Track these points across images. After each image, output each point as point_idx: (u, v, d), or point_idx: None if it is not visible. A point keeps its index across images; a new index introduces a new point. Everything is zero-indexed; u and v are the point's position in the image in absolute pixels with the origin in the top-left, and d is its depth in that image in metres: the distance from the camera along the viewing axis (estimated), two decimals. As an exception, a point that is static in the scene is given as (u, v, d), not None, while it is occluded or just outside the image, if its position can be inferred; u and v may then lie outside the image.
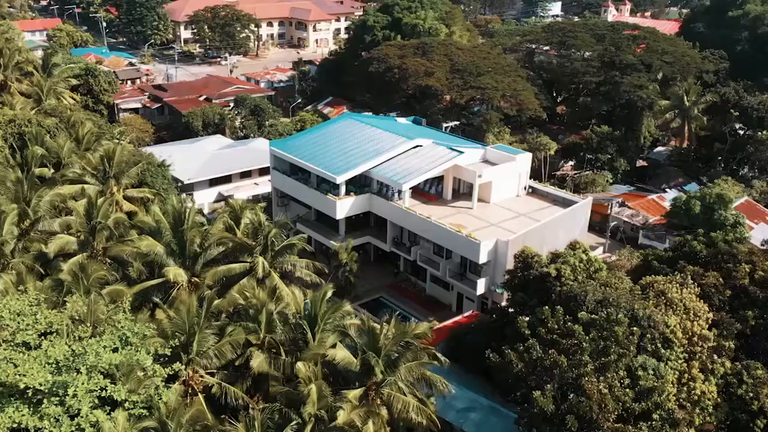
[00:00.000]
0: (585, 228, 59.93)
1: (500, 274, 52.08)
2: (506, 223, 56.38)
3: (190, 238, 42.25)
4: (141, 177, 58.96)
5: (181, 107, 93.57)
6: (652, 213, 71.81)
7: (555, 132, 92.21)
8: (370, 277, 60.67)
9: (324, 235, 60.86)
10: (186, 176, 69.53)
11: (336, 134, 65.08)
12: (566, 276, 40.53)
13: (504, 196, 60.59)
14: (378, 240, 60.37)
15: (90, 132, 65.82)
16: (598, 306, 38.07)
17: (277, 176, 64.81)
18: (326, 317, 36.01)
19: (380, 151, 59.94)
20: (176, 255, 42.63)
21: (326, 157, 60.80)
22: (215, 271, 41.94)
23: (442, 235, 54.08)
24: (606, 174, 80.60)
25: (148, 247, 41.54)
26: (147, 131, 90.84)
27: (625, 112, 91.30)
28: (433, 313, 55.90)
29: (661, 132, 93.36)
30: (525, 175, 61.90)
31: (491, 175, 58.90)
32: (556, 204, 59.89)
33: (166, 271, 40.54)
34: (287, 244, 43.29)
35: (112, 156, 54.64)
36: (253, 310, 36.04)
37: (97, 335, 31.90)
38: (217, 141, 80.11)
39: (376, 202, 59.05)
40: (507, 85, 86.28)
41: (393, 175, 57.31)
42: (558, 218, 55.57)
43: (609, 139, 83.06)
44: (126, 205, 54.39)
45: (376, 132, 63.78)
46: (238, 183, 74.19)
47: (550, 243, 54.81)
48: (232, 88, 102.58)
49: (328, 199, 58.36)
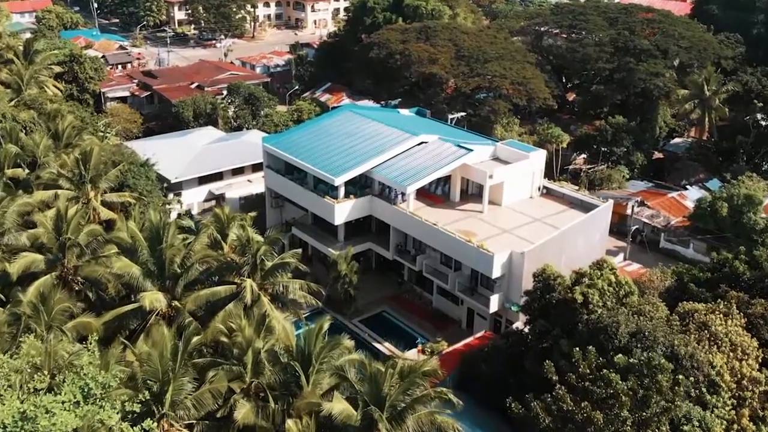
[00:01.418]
0: (606, 234, 55.21)
1: (515, 289, 47.53)
2: (520, 229, 51.64)
3: (170, 257, 37.65)
4: (122, 179, 54.13)
5: (171, 96, 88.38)
6: (673, 213, 67.09)
7: (566, 122, 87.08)
8: (371, 287, 56.09)
9: (321, 241, 56.17)
10: (173, 174, 64.63)
11: (334, 129, 60.09)
12: (594, 303, 35.89)
13: (516, 197, 55.81)
14: (380, 247, 55.66)
15: (71, 126, 60.88)
16: (631, 340, 33.59)
17: (271, 175, 59.94)
18: (322, 356, 31.49)
19: (382, 149, 55.03)
20: (154, 276, 38.07)
21: (323, 155, 55.90)
22: (197, 295, 37.35)
23: (450, 244, 49.36)
24: (622, 169, 75.70)
25: (122, 269, 36.91)
26: (135, 122, 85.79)
27: (639, 100, 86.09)
28: (441, 331, 51.46)
29: (677, 122, 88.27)
30: (539, 175, 57.07)
31: (503, 175, 54.05)
32: (574, 207, 55.08)
33: (141, 297, 35.92)
34: (279, 263, 38.56)
35: (89, 157, 49.73)
36: (239, 350, 31.41)
37: (55, 388, 27.35)
38: (208, 134, 75.05)
39: (378, 206, 54.28)
40: (516, 72, 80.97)
41: (396, 177, 52.49)
42: (577, 225, 50.79)
43: (625, 130, 77.99)
44: (104, 212, 49.64)
45: (378, 127, 58.82)
46: (230, 180, 69.26)
47: (568, 252, 50.34)
48: (225, 74, 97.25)
49: (326, 203, 53.58)
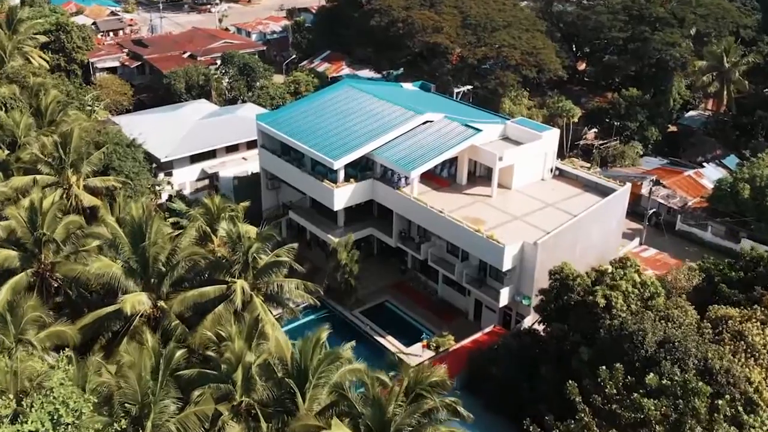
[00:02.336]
0: (622, 220, 51.95)
1: (527, 281, 44.50)
2: (532, 216, 48.34)
3: (153, 255, 34.50)
4: (106, 161, 50.75)
5: (162, 66, 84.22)
6: (690, 193, 63.79)
7: (576, 94, 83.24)
8: (373, 274, 53.08)
9: (320, 226, 52.95)
10: (163, 153, 61.09)
11: (333, 106, 56.41)
12: (618, 307, 32.83)
13: (527, 180, 52.39)
14: (382, 233, 52.45)
15: (54, 101, 57.23)
16: (659, 350, 30.63)
17: (266, 155, 56.43)
18: (320, 371, 28.58)
19: (384, 129, 51.47)
20: (138, 275, 35.00)
21: (322, 135, 52.35)
22: (184, 296, 34.31)
23: (458, 234, 46.12)
24: (636, 145, 72.10)
25: (102, 269, 33.79)
26: (125, 94, 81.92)
27: (653, 71, 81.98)
28: (447, 323, 48.53)
29: (692, 93, 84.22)
30: (552, 155, 53.55)
31: (514, 157, 50.53)
32: (589, 191, 51.69)
33: (122, 301, 32.88)
34: (273, 262, 35.39)
35: (69, 140, 46.26)
36: (228, 366, 28.44)
37: (21, 415, 24.45)
38: (200, 108, 71.20)
39: (380, 190, 50.92)
40: (525, 42, 76.76)
41: (400, 160, 49.03)
42: (594, 211, 47.47)
43: (639, 104, 74.21)
44: (86, 199, 46.37)
45: (379, 104, 55.13)
46: (223, 158, 65.72)
47: (583, 241, 47.21)
48: (219, 43, 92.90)
49: (325, 187, 50.21)
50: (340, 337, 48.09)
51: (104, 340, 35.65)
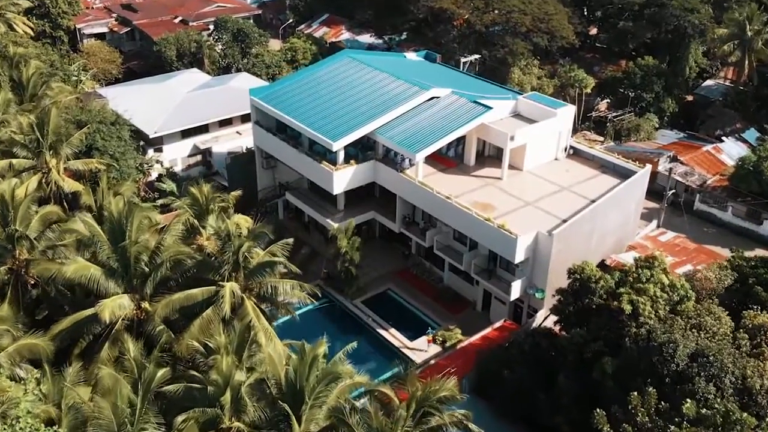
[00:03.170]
0: (641, 204, 48.73)
1: (540, 273, 41.54)
2: (546, 201, 45.09)
3: (135, 254, 31.45)
4: (89, 141, 47.33)
5: (152, 32, 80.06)
6: (708, 170, 60.34)
7: (588, 62, 79.11)
8: (375, 260, 50.14)
9: (319, 210, 49.77)
10: (152, 128, 57.63)
11: (332, 80, 52.74)
12: (645, 315, 29.87)
13: (540, 160, 49.07)
14: (385, 218, 49.31)
15: (37, 74, 53.58)
16: (691, 364, 27.79)
17: (260, 133, 52.92)
18: (317, 391, 25.78)
19: (387, 106, 47.92)
20: (119, 275, 31.98)
21: (320, 112, 48.81)
22: (170, 300, 31.26)
23: (466, 222, 42.94)
24: (652, 117, 68.35)
25: (78, 272, 30.74)
26: (114, 62, 78.07)
27: (669, 38, 77.66)
28: (453, 314, 45.75)
29: (708, 61, 80.00)
30: (566, 134, 50.11)
31: (526, 136, 47.06)
32: (606, 172, 48.42)
33: (101, 307, 29.90)
34: (266, 262, 32.28)
35: (47, 120, 42.80)
36: (215, 388, 25.58)
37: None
38: (192, 78, 67.43)
39: (383, 172, 47.61)
40: (536, 6, 72.41)
41: (404, 141, 45.60)
42: (612, 196, 44.21)
43: (655, 73, 70.26)
44: (68, 184, 43.14)
45: (381, 77, 51.47)
46: (216, 132, 62.23)
47: (600, 228, 44.16)
48: (211, 7, 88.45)
49: (323, 169, 46.89)
50: (340, 328, 45.74)
51: (84, 344, 32.91)
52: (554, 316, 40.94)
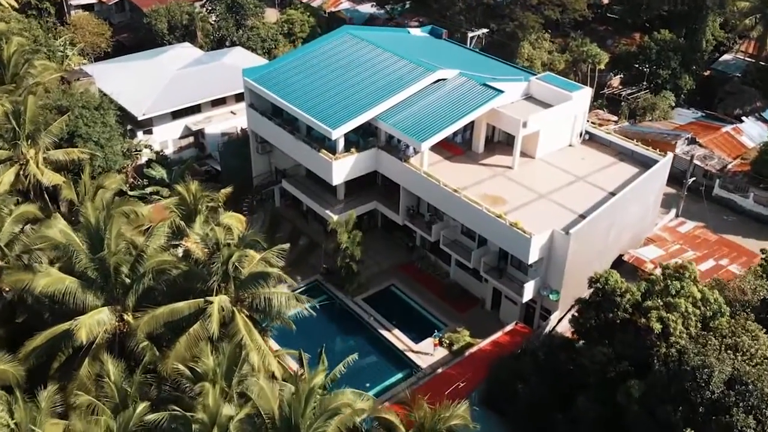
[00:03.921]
0: (660, 196, 45.72)
1: (555, 273, 38.75)
2: (560, 193, 42.08)
3: (114, 265, 28.64)
4: (72, 128, 44.16)
5: (142, 3, 76.14)
6: (728, 153, 57.18)
7: (601, 35, 75.29)
8: (377, 252, 47.42)
9: (317, 200, 46.80)
10: (140, 109, 54.31)
11: (331, 59, 49.29)
12: (676, 335, 27.14)
13: (553, 147, 45.97)
14: (387, 209, 46.38)
15: (18, 51, 50.12)
16: (728, 392, 25.15)
17: (255, 117, 49.65)
18: (314, 428, 23.18)
19: (391, 89, 44.62)
20: (97, 285, 29.26)
21: (318, 96, 45.50)
22: (153, 315, 28.57)
23: (476, 218, 39.97)
24: (668, 95, 64.86)
25: (51, 285, 27.98)
26: (103, 35, 74.23)
27: (685, 9, 73.71)
28: (461, 312, 43.15)
29: (726, 33, 76.09)
30: (582, 118, 46.90)
31: (540, 122, 43.89)
32: (624, 160, 45.35)
33: (76, 327, 27.20)
34: (258, 273, 29.45)
35: (24, 108, 39.63)
36: (200, 426, 22.94)
37: None
38: (183, 53, 63.76)
39: (385, 161, 44.52)
40: (547, -24, 68.46)
41: (409, 128, 42.39)
42: (632, 189, 41.13)
43: (671, 48, 66.60)
44: (48, 176, 40.19)
45: (384, 57, 48.03)
46: (209, 112, 58.86)
47: (619, 223, 41.23)
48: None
49: (322, 158, 43.80)
50: (340, 328, 43.11)
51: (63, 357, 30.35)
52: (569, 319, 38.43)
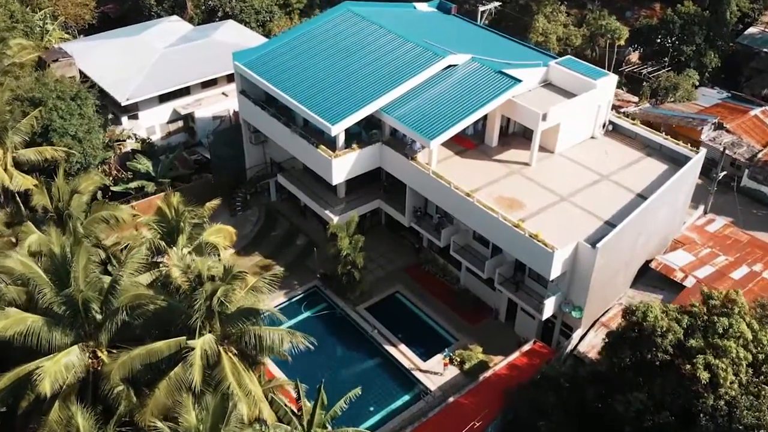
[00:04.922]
0: (690, 196, 41.82)
1: (580, 290, 35.07)
2: (583, 194, 38.19)
3: (83, 302, 25.00)
4: (45, 121, 40.10)
5: (128, -30, 71.15)
6: (757, 139, 53.15)
7: (619, 6, 70.62)
8: (381, 254, 44.13)
9: (316, 198, 42.99)
10: (124, 94, 49.99)
11: (330, 41, 44.92)
12: (726, 385, 23.62)
13: (574, 140, 42.02)
14: (392, 208, 42.59)
15: (-8, 30, 45.94)
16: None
17: (247, 106, 45.46)
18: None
19: (396, 78, 40.43)
20: (66, 323, 25.66)
21: (316, 84, 41.32)
22: (129, 357, 24.98)
23: (491, 227, 36.13)
24: (692, 74, 60.49)
25: (11, 327, 24.39)
26: (87, 5, 69.43)
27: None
28: (473, 324, 39.71)
29: (751, 4, 71.27)
30: (606, 107, 42.76)
31: (561, 114, 39.81)
32: (652, 154, 41.42)
33: (40, 376, 23.69)
34: (247, 310, 25.78)
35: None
36: None
37: None
38: (171, 29, 59.10)
39: (390, 158, 40.57)
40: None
41: (417, 123, 38.33)
42: (664, 191, 37.21)
43: (697, 23, 62.02)
44: (17, 180, 36.29)
45: (389, 39, 43.69)
46: (199, 95, 54.54)
47: (648, 228, 37.57)
48: (196, -60, 78.68)
49: (320, 155, 39.84)
50: (341, 341, 39.65)
51: (32, 398, 26.91)
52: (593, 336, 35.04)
